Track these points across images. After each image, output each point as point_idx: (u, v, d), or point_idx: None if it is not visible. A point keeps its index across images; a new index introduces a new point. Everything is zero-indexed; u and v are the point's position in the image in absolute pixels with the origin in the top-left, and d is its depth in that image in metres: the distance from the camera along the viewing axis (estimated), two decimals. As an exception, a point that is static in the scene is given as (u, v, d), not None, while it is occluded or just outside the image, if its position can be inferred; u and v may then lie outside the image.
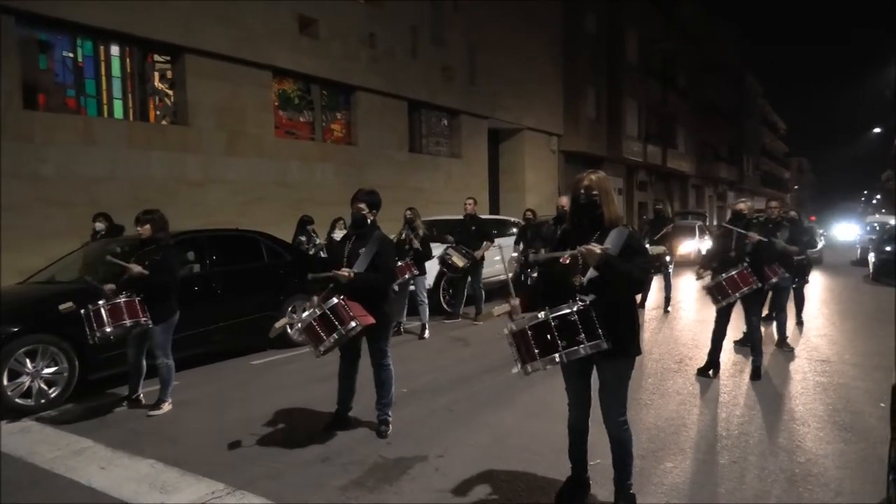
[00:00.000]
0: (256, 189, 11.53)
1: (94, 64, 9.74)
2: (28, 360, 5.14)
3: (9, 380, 5.01)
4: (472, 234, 8.99)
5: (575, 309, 2.83)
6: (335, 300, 4.07)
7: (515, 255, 9.55)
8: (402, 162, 14.89)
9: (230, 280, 6.94)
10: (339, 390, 4.62)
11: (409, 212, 8.13)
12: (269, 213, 11.35)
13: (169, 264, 5.10)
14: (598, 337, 2.83)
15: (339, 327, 4.00)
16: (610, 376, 3.06)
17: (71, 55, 9.48)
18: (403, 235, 8.06)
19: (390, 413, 4.50)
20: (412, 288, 8.07)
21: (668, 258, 9.38)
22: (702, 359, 6.13)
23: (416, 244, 7.78)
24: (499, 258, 10.67)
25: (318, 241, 9.65)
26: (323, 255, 9.09)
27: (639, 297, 9.70)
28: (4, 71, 8.30)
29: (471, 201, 9.27)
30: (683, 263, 15.92)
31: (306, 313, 4.18)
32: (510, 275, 3.70)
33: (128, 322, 4.82)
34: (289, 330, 7.17)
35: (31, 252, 8.09)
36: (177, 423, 4.83)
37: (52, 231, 8.31)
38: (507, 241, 11.30)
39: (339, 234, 8.88)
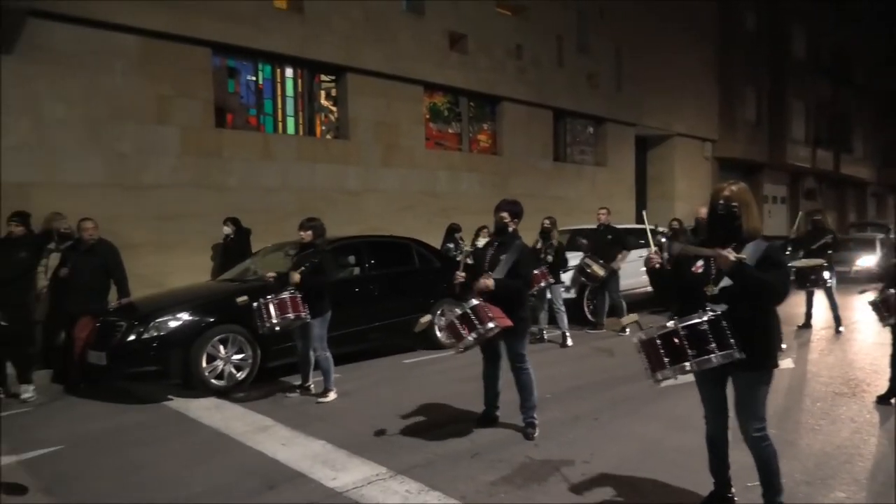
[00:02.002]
0: (407, 198, 12.20)
1: (272, 85, 10.92)
2: (221, 347, 5.96)
3: (206, 363, 5.85)
4: (607, 243, 8.90)
5: (705, 318, 2.84)
6: (476, 301, 4.30)
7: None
8: (546, 171, 14.95)
9: (385, 283, 7.49)
10: (484, 391, 4.86)
11: (546, 221, 8.27)
12: (418, 221, 11.95)
13: (324, 267, 5.68)
14: (729, 346, 2.82)
15: (479, 326, 4.21)
16: (744, 388, 3.02)
17: (253, 79, 10.71)
18: (539, 244, 8.23)
19: (536, 416, 4.63)
20: (550, 296, 8.17)
21: (827, 274, 8.41)
22: (882, 385, 5.58)
23: (550, 253, 7.92)
24: (644, 269, 10.40)
25: (465, 248, 10.03)
26: (469, 261, 9.43)
27: (803, 317, 9.03)
28: (201, 95, 9.59)
29: (604, 211, 9.18)
30: (860, 279, 14.38)
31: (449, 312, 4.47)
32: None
33: (291, 315, 5.39)
34: (437, 333, 7.58)
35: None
36: (342, 411, 5.34)
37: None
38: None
39: (482, 242, 9.18)
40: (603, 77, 16.25)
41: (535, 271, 7.81)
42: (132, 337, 5.78)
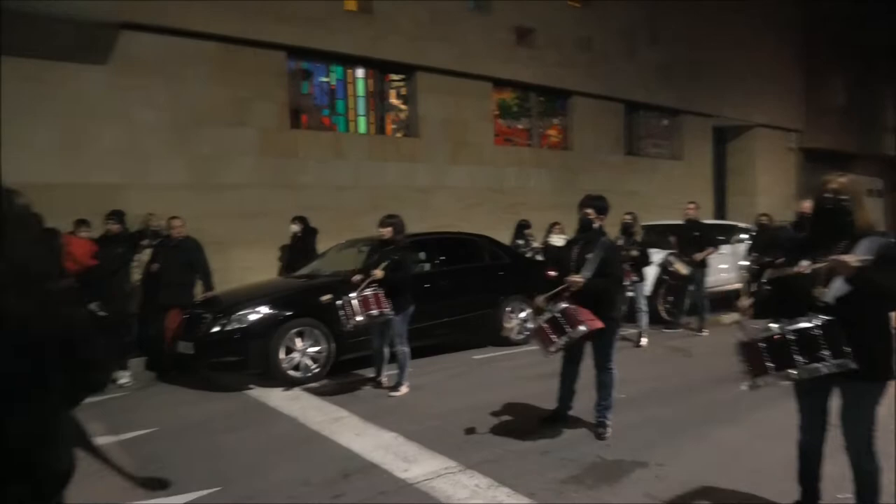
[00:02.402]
0: (475, 194, 12.23)
1: (344, 86, 11.19)
2: (298, 340, 6.19)
3: (284, 354, 6.09)
4: (693, 239, 8.56)
5: (818, 323, 2.62)
6: (564, 304, 4.23)
7: (748, 262, 8.86)
8: (617, 165, 14.62)
9: (455, 279, 7.55)
10: (559, 388, 4.80)
11: (628, 216, 8.04)
12: (486, 218, 11.96)
13: (404, 263, 5.76)
14: (844, 355, 2.59)
15: (569, 330, 4.15)
16: (855, 400, 2.80)
17: (326, 80, 11.01)
18: (621, 241, 7.99)
19: (609, 416, 4.56)
20: (630, 294, 7.94)
21: None
22: None
23: (634, 250, 7.67)
24: (725, 266, 10.00)
25: (534, 245, 9.96)
26: (538, 258, 9.36)
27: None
28: (277, 97, 9.96)
29: (692, 205, 8.85)
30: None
31: (544, 313, 4.37)
32: (741, 284, 3.57)
33: (374, 312, 5.51)
34: (507, 329, 7.60)
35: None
36: (413, 404, 5.44)
37: (310, 232, 9.74)
38: (735, 249, 10.54)
39: (555, 239, 9.07)
40: (677, 67, 15.69)
41: None
42: (216, 328, 6.09)
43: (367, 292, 5.52)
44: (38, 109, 7.55)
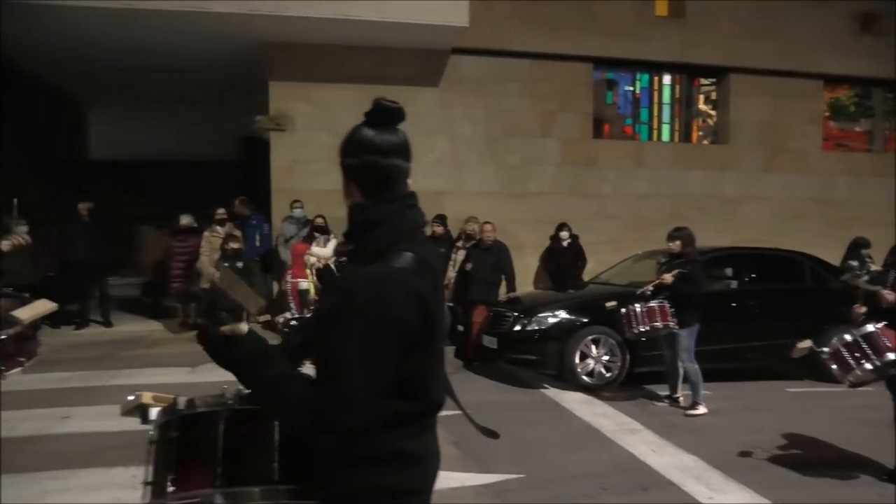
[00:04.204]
0: (794, 206, 10.88)
1: (649, 94, 10.97)
2: (593, 347, 6.31)
3: (579, 360, 6.27)
4: None
5: None
6: (871, 327, 3.71)
7: None
8: None
9: (767, 300, 6.87)
10: (896, 439, 4.08)
11: None
12: (806, 232, 10.54)
13: (693, 277, 5.51)
14: None
15: (874, 357, 3.61)
16: None
17: (631, 88, 10.93)
18: None
19: (978, 485, 3.69)
20: None
21: None
22: None
23: None
24: None
25: (872, 268, 8.41)
26: (871, 288, 7.92)
27: None
28: (581, 108, 10.21)
29: None
30: None
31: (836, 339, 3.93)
32: None
33: (658, 324, 5.42)
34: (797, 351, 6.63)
35: (590, 258, 9.72)
36: (713, 428, 5.12)
37: (605, 240, 9.80)
38: None
39: (903, 262, 7.56)
40: None
41: None
42: (517, 327, 6.55)
43: (653, 304, 5.43)
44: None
